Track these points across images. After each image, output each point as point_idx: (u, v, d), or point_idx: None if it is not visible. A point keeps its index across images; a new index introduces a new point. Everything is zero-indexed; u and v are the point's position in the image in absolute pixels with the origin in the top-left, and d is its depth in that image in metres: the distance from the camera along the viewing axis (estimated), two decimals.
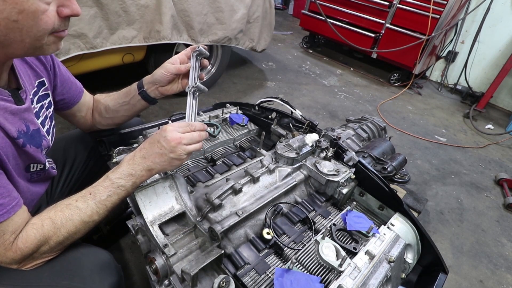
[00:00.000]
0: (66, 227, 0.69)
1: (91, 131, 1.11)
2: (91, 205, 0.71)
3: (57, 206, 0.71)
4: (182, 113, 1.32)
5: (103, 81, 2.70)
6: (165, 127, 0.78)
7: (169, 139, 0.75)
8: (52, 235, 0.68)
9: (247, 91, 3.22)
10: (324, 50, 4.96)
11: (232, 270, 0.77)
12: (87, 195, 0.72)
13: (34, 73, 0.81)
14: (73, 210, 0.70)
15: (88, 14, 1.81)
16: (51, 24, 0.59)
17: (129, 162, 0.76)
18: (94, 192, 0.72)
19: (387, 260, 0.79)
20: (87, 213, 0.71)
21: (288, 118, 1.29)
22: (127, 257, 1.47)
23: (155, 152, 0.76)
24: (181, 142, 0.76)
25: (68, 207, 0.70)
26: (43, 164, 0.81)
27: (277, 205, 0.94)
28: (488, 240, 2.02)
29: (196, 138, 0.79)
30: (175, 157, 0.76)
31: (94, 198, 0.72)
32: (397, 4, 3.71)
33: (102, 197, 0.72)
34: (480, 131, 3.43)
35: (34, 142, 0.75)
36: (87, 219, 0.71)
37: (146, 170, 0.76)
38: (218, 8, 2.44)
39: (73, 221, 0.69)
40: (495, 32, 3.93)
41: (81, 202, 0.71)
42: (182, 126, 0.79)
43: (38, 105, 0.80)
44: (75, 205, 0.70)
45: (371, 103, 3.56)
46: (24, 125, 0.71)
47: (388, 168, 1.52)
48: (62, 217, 0.68)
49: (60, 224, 0.68)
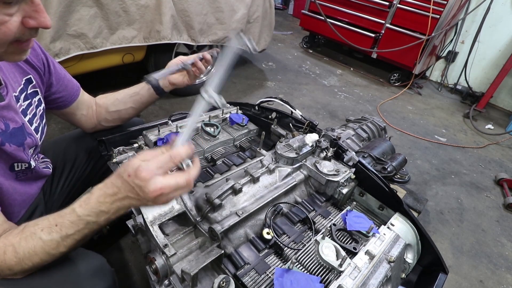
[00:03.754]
0: (30, 259, 0.62)
1: (95, 130, 1.11)
2: (56, 238, 0.63)
3: (23, 232, 0.63)
4: (182, 113, 1.32)
5: (103, 81, 2.70)
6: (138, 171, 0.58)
7: (146, 191, 0.58)
8: (14, 265, 0.62)
9: (247, 91, 3.23)
10: (324, 50, 4.96)
11: (232, 270, 0.77)
12: (52, 226, 0.63)
13: (19, 70, 0.80)
14: (36, 241, 0.62)
15: (88, 14, 1.81)
16: (10, 35, 0.55)
17: (99, 198, 0.62)
18: (60, 225, 0.63)
19: (387, 260, 0.79)
20: (51, 246, 0.63)
21: (288, 118, 1.29)
22: (127, 257, 1.47)
23: (131, 196, 0.61)
24: (162, 194, 0.59)
25: (32, 236, 0.62)
26: (27, 163, 0.79)
27: (277, 205, 0.94)
28: (488, 240, 2.02)
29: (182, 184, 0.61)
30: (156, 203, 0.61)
31: (60, 232, 0.63)
32: (397, 4, 3.71)
33: (68, 231, 0.63)
34: (480, 131, 3.43)
35: (15, 141, 0.73)
36: (53, 252, 0.64)
37: (122, 209, 0.63)
38: (218, 8, 2.44)
39: (36, 254, 0.62)
40: (495, 32, 3.93)
41: (45, 233, 0.62)
42: (162, 163, 0.60)
43: (25, 103, 0.79)
44: (39, 235, 0.62)
45: (371, 103, 3.56)
46: (2, 123, 0.70)
47: (388, 168, 1.52)
48: (25, 248, 0.62)
49: (22, 255, 0.62)
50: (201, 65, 1.06)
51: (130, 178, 0.59)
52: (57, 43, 1.75)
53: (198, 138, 1.19)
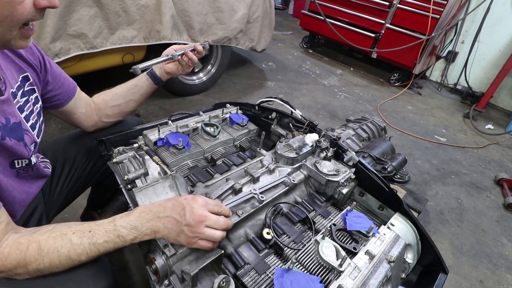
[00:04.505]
0: (50, 258, 0.64)
1: (96, 128, 1.12)
2: (85, 244, 0.66)
3: (53, 231, 0.66)
4: (182, 113, 1.32)
5: (103, 81, 2.70)
6: (197, 197, 0.72)
7: (195, 212, 0.68)
8: (33, 261, 0.63)
9: (247, 91, 3.23)
10: (324, 50, 4.96)
11: (232, 270, 0.77)
12: (86, 232, 0.67)
13: (16, 67, 0.80)
14: (65, 242, 0.65)
15: (88, 14, 1.81)
16: (25, 15, 0.59)
17: (140, 214, 0.70)
18: (94, 231, 0.67)
19: (387, 260, 0.79)
20: (77, 251, 0.65)
21: (288, 118, 1.29)
22: (127, 257, 1.47)
23: (173, 216, 0.69)
24: (205, 221, 0.69)
25: (62, 237, 0.65)
26: (28, 159, 0.80)
27: (277, 205, 0.94)
28: (488, 240, 2.02)
29: (221, 224, 0.71)
30: (187, 233, 0.68)
31: (91, 238, 0.66)
32: (397, 4, 3.72)
33: (99, 240, 0.67)
34: (480, 131, 3.43)
35: (15, 135, 0.74)
36: (74, 257, 0.66)
37: (152, 230, 0.69)
38: (218, 8, 2.44)
39: (59, 254, 0.64)
40: (495, 32, 3.93)
41: (77, 237, 0.66)
42: (212, 204, 0.73)
43: (22, 99, 0.79)
44: (70, 238, 0.65)
45: (371, 103, 3.57)
46: (3, 118, 0.70)
47: (388, 168, 1.52)
48: (51, 246, 0.64)
49: (46, 252, 0.63)
50: (192, 56, 1.09)
51: (186, 200, 0.71)
52: (57, 43, 1.75)
53: (198, 138, 1.19)
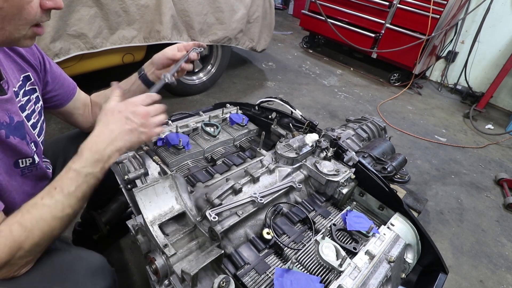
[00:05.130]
0: (39, 227, 0.63)
1: (92, 130, 1.11)
2: (60, 199, 0.65)
3: (23, 208, 0.65)
4: (182, 113, 1.32)
5: (103, 81, 2.70)
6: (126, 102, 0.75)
7: (139, 112, 0.73)
8: (24, 239, 0.62)
9: (247, 91, 3.23)
10: (324, 50, 4.96)
11: (232, 270, 0.77)
12: (52, 190, 0.66)
13: (18, 67, 0.81)
14: (41, 209, 0.64)
15: (88, 14, 1.81)
16: (33, 15, 0.60)
17: (91, 149, 0.70)
18: (60, 186, 0.66)
19: (387, 260, 0.79)
20: (57, 208, 0.65)
21: (288, 118, 1.29)
22: (127, 257, 1.47)
23: (125, 130, 0.72)
24: (149, 113, 0.75)
25: (34, 206, 0.64)
26: (31, 157, 0.80)
27: (277, 205, 0.94)
28: (488, 240, 2.02)
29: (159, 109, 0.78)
30: (144, 131, 0.74)
31: (62, 192, 0.66)
32: (397, 4, 3.71)
33: (70, 189, 0.66)
34: (480, 131, 3.43)
35: (18, 134, 0.74)
36: (60, 214, 0.66)
37: (114, 152, 0.71)
38: (218, 8, 2.44)
39: (44, 220, 0.64)
40: (495, 32, 3.93)
41: (47, 199, 0.65)
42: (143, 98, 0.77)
43: (24, 99, 0.80)
44: (42, 203, 0.65)
45: (371, 103, 3.57)
46: (7, 116, 0.70)
47: (388, 168, 1.52)
48: (31, 219, 0.63)
49: (30, 226, 0.62)
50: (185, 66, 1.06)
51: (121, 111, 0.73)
52: (57, 43, 1.75)
53: (198, 138, 1.19)
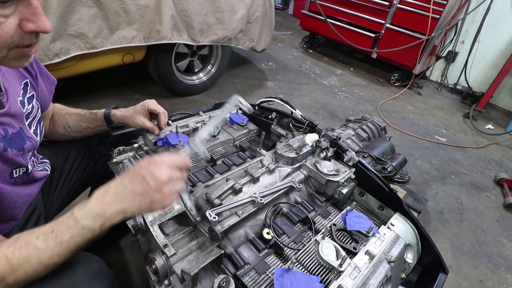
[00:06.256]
0: (24, 268, 0.60)
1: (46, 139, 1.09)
2: (51, 245, 0.61)
3: (17, 241, 0.61)
4: (182, 113, 1.32)
5: (103, 81, 2.70)
6: (151, 160, 0.65)
7: (158, 176, 0.62)
8: (8, 275, 0.59)
9: (247, 91, 3.22)
10: (324, 50, 4.96)
11: (232, 270, 0.77)
12: (48, 233, 0.62)
13: (19, 74, 0.80)
14: (31, 251, 0.60)
15: (88, 14, 1.81)
16: (7, 38, 0.53)
17: (98, 199, 0.64)
18: (56, 230, 0.62)
19: (387, 260, 0.79)
20: (46, 255, 0.61)
21: (288, 118, 1.29)
22: (127, 257, 1.47)
23: (137, 191, 0.63)
24: (170, 181, 0.64)
25: (26, 245, 0.61)
26: (25, 167, 0.80)
27: (277, 205, 0.94)
28: (488, 240, 2.02)
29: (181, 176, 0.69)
30: (159, 199, 0.64)
31: (56, 238, 0.61)
32: (397, 4, 3.71)
33: (64, 238, 0.61)
34: (480, 131, 3.43)
35: (15, 146, 0.74)
36: (47, 262, 0.61)
37: (119, 212, 0.63)
38: (218, 8, 2.44)
39: (31, 263, 0.60)
40: (495, 32, 3.93)
41: (41, 241, 0.61)
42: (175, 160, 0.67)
43: (29, 106, 0.80)
44: (34, 244, 0.61)
45: (371, 103, 3.56)
46: (1, 130, 0.70)
47: (388, 168, 1.52)
48: (19, 257, 0.59)
49: (17, 265, 0.59)
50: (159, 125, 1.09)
51: (141, 168, 0.64)
52: (57, 43, 1.75)
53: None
